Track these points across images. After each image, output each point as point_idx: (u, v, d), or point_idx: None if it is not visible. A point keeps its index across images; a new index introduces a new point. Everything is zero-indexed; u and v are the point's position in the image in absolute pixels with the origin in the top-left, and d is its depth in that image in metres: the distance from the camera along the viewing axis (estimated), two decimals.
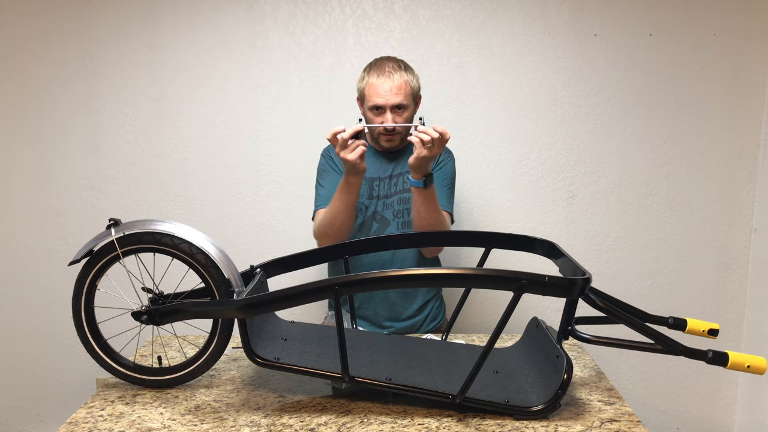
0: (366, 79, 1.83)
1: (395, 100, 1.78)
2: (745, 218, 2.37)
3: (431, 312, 2.00)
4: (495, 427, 1.28)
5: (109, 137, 2.31)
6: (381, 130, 1.83)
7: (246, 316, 1.33)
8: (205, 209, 2.35)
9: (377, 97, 1.78)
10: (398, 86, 1.78)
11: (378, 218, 1.91)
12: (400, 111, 1.80)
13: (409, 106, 1.82)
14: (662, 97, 2.30)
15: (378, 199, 1.91)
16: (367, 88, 1.81)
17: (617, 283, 2.39)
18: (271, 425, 1.29)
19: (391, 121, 1.79)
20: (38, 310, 2.41)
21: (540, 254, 1.63)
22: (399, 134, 1.85)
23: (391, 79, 1.78)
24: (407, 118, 1.82)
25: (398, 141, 1.87)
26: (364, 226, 1.91)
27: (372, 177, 1.91)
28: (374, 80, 1.80)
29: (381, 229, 1.91)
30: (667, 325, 1.52)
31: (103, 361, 1.48)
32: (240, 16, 2.25)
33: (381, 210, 1.91)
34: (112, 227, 1.42)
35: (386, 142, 1.87)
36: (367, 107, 1.83)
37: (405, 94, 1.79)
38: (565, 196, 2.35)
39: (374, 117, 1.82)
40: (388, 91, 1.77)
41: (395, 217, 1.91)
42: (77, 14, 2.24)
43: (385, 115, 1.80)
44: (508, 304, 1.27)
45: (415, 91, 1.85)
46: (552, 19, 2.26)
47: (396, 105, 1.79)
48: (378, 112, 1.81)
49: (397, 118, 1.80)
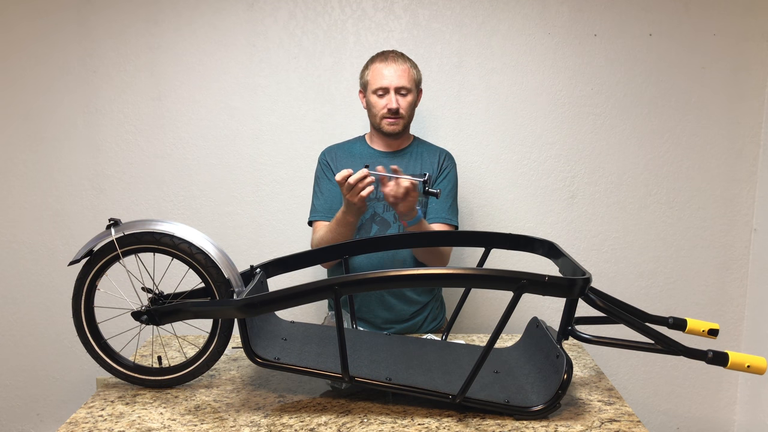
0: (370, 67, 1.90)
1: (399, 82, 1.85)
2: (745, 218, 2.37)
3: (431, 313, 1.99)
4: (495, 427, 1.28)
5: (109, 137, 2.32)
6: (384, 113, 1.86)
7: (246, 316, 1.33)
8: (205, 209, 2.35)
9: (382, 78, 1.85)
10: (402, 70, 1.86)
11: (378, 220, 1.91)
12: (403, 94, 1.87)
13: (411, 90, 1.88)
14: (662, 97, 2.30)
15: (378, 201, 1.91)
16: (372, 73, 1.88)
17: (617, 283, 2.39)
18: (271, 425, 1.29)
19: (395, 103, 1.85)
20: (38, 310, 2.41)
21: (540, 254, 1.63)
22: (402, 119, 1.88)
23: (396, 63, 1.86)
24: (410, 103, 1.88)
25: (401, 126, 1.89)
26: (363, 228, 1.91)
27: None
28: (379, 65, 1.88)
29: (381, 232, 1.90)
30: (667, 325, 1.52)
31: (103, 361, 1.48)
32: (240, 16, 2.25)
33: (381, 212, 1.91)
34: (112, 227, 1.42)
35: (389, 125, 1.88)
36: (371, 91, 1.88)
37: (408, 79, 1.87)
38: (565, 196, 2.35)
39: (378, 100, 1.87)
40: (393, 73, 1.85)
41: (396, 220, 1.90)
42: (78, 14, 2.24)
43: (389, 96, 1.85)
44: (508, 304, 1.27)
45: (417, 79, 1.91)
46: (552, 19, 2.26)
47: (400, 87, 1.85)
48: (382, 94, 1.86)
49: (400, 99, 1.86)
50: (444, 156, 1.98)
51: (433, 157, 1.96)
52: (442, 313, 2.06)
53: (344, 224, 1.78)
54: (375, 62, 1.89)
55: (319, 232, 1.88)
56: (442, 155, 1.98)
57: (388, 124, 1.88)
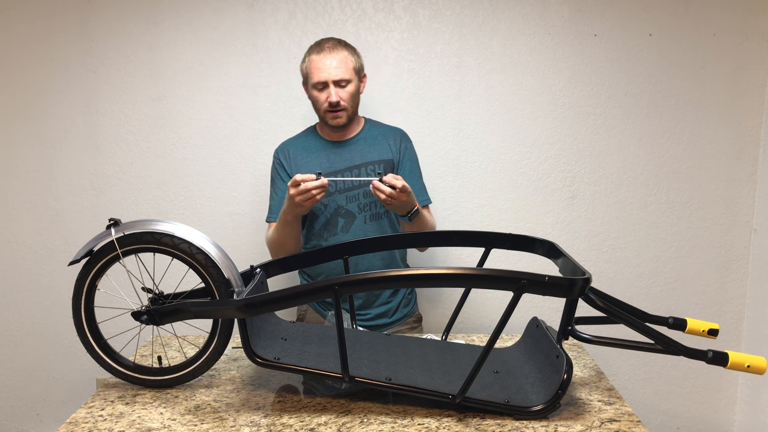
0: (307, 59, 1.86)
1: (336, 74, 1.81)
2: (745, 218, 2.37)
3: (404, 298, 2.01)
4: (495, 427, 1.28)
5: (109, 137, 2.32)
6: (326, 107, 1.84)
7: (246, 316, 1.33)
8: (205, 209, 2.35)
9: (320, 72, 1.82)
10: (339, 60, 1.82)
11: (342, 212, 1.91)
12: (343, 86, 1.84)
13: (351, 80, 1.84)
14: (662, 97, 2.30)
15: (338, 194, 1.90)
16: (309, 66, 1.85)
17: (617, 283, 2.39)
18: (271, 425, 1.29)
19: (335, 96, 1.81)
20: (38, 310, 2.41)
21: (540, 254, 1.63)
22: (345, 110, 1.86)
23: (332, 54, 1.82)
24: (352, 93, 1.85)
25: (345, 118, 1.87)
26: (329, 223, 1.91)
27: (326, 173, 1.87)
28: (314, 57, 1.84)
29: (347, 224, 1.90)
30: (667, 325, 1.52)
31: (103, 361, 1.48)
32: (240, 16, 2.25)
33: (345, 204, 1.91)
34: (112, 227, 1.42)
35: (332, 119, 1.87)
36: (311, 85, 1.86)
37: (346, 69, 1.82)
38: (565, 196, 2.35)
39: (319, 95, 1.85)
40: (329, 65, 1.81)
41: (361, 210, 1.91)
42: (78, 15, 2.24)
43: (328, 89, 1.82)
44: (508, 304, 1.27)
45: (357, 67, 1.87)
46: (552, 19, 2.26)
47: (338, 80, 1.82)
48: (321, 88, 1.84)
49: (340, 92, 1.83)
50: (400, 136, 1.98)
51: (389, 140, 1.96)
52: (414, 299, 2.08)
53: (284, 223, 1.79)
54: (312, 54, 1.85)
55: (269, 232, 1.92)
56: (397, 136, 1.98)
57: (332, 118, 1.87)
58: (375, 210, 1.91)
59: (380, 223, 1.92)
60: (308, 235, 1.97)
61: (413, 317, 2.05)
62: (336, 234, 1.91)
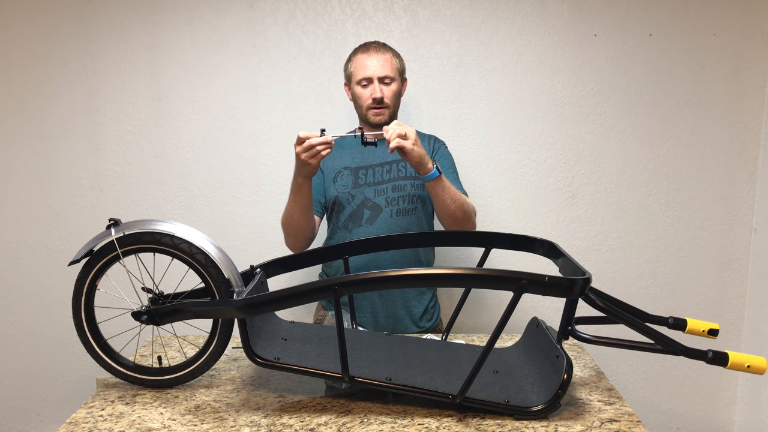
0: (353, 58, 1.92)
1: (382, 72, 1.87)
2: (745, 218, 2.37)
3: (427, 312, 2.00)
4: (495, 427, 1.28)
5: (109, 137, 2.32)
6: (370, 103, 1.88)
7: (246, 316, 1.33)
8: (205, 209, 2.35)
9: (365, 69, 1.88)
10: (384, 59, 1.88)
11: (369, 204, 1.91)
12: (387, 83, 1.89)
13: (395, 79, 1.90)
14: (662, 97, 2.30)
15: (367, 186, 1.92)
16: (355, 64, 1.91)
17: (617, 283, 2.39)
18: (271, 425, 1.29)
19: (379, 92, 1.87)
20: (38, 310, 2.41)
21: (540, 254, 1.63)
22: (387, 108, 1.89)
23: (378, 53, 1.89)
24: (395, 92, 1.90)
25: (387, 116, 1.90)
26: (354, 214, 1.91)
27: (357, 167, 1.92)
28: (361, 55, 1.91)
29: (373, 217, 1.90)
30: (667, 325, 1.52)
31: (103, 361, 1.48)
32: (240, 16, 2.25)
33: (372, 197, 1.91)
34: (112, 227, 1.42)
35: (375, 115, 1.89)
36: (355, 82, 1.90)
37: (391, 68, 1.89)
38: (565, 196, 2.35)
39: (363, 91, 1.89)
40: (375, 63, 1.87)
41: (388, 204, 1.91)
42: (77, 14, 2.24)
43: (372, 86, 1.87)
44: (508, 304, 1.27)
45: (400, 69, 1.93)
46: (552, 19, 2.26)
47: (383, 77, 1.87)
48: (366, 84, 1.89)
49: (384, 89, 1.87)
50: (433, 141, 2.01)
51: (423, 140, 1.98)
52: (437, 313, 2.06)
53: (295, 189, 1.76)
54: (357, 54, 1.91)
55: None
56: (431, 141, 2.01)
57: (374, 114, 1.89)
58: (403, 205, 1.91)
59: (408, 219, 1.92)
60: (333, 229, 1.97)
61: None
62: (360, 225, 1.90)
